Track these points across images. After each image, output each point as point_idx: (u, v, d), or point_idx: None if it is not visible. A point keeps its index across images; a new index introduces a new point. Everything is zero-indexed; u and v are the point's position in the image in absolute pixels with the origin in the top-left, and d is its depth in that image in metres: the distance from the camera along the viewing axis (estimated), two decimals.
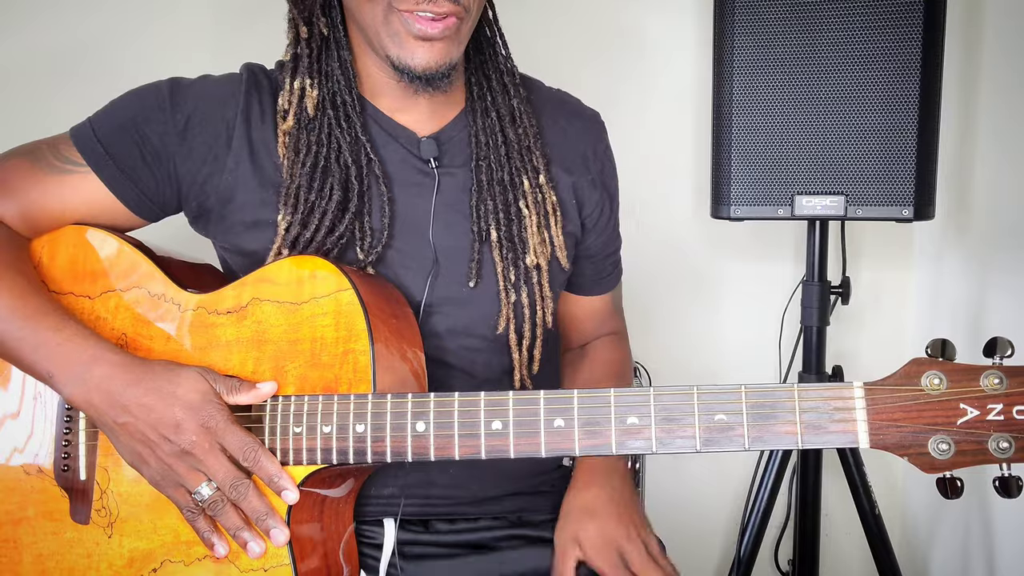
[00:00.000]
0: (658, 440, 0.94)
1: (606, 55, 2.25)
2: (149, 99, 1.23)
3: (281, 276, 1.14)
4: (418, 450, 1.03)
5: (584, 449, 0.97)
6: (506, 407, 1.00)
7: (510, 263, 1.26)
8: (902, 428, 0.87)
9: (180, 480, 1.08)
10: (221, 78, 1.27)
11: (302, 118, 1.23)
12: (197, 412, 1.06)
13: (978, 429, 0.87)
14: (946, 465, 0.87)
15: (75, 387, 1.10)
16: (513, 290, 1.26)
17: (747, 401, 0.92)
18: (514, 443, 0.99)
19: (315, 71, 1.24)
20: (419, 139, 1.26)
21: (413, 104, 1.25)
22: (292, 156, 1.22)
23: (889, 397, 0.89)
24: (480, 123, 1.28)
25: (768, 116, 1.79)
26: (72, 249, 1.23)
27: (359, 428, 1.05)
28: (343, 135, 1.23)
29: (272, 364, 1.11)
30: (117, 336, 1.18)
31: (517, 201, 1.27)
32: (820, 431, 0.90)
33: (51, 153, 1.23)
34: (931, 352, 0.91)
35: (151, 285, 1.19)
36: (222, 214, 1.24)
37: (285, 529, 1.07)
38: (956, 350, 0.90)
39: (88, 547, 1.16)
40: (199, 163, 1.22)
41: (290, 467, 1.08)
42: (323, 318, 1.10)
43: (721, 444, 0.92)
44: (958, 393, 0.87)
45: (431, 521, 1.29)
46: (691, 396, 0.94)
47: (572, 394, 0.98)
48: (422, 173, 1.26)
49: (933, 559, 2.19)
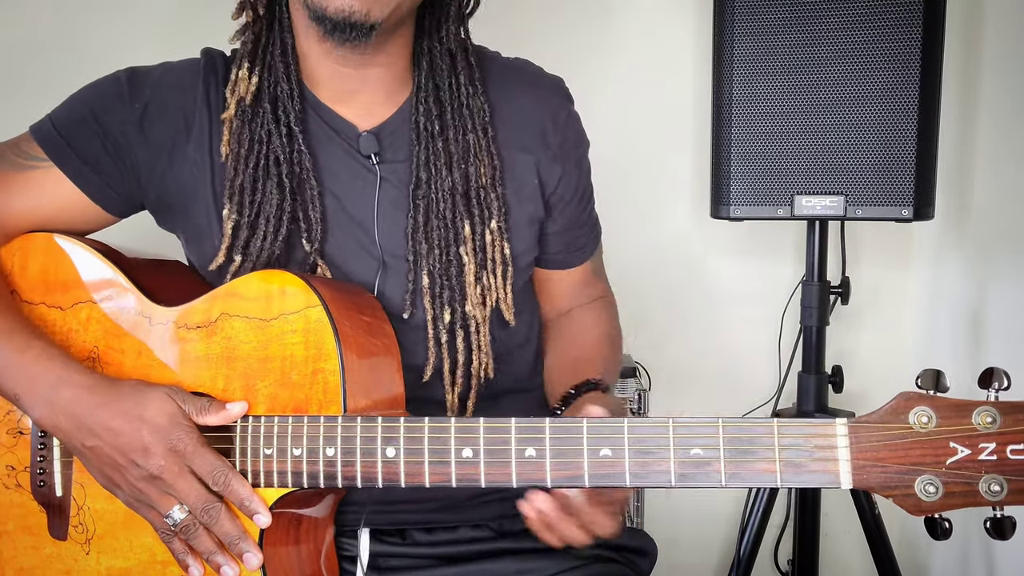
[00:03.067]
0: (632, 474, 0.88)
1: (606, 55, 2.22)
2: (108, 90, 1.18)
3: (250, 291, 1.08)
4: (388, 476, 0.97)
5: (556, 481, 0.91)
6: (476, 434, 0.94)
7: (441, 310, 1.17)
8: (887, 468, 0.80)
9: (151, 504, 1.03)
10: (180, 64, 1.21)
11: (242, 107, 1.16)
12: (165, 435, 1.01)
13: (968, 470, 0.79)
14: (934, 507, 0.79)
15: (42, 409, 1.06)
16: (446, 332, 1.18)
17: (724, 435, 0.85)
18: (485, 472, 0.93)
19: (256, 58, 1.17)
20: (359, 134, 1.18)
21: (352, 94, 1.17)
22: (235, 148, 1.16)
23: (874, 435, 0.81)
24: (421, 131, 1.18)
25: (768, 116, 1.77)
26: (43, 257, 1.18)
27: (329, 452, 0.99)
28: (277, 128, 1.15)
29: (242, 382, 1.06)
30: (88, 349, 1.13)
31: (457, 247, 1.18)
32: (800, 469, 0.82)
33: (12, 152, 1.18)
34: (922, 384, 0.83)
35: (122, 298, 1.14)
36: (184, 205, 1.18)
37: (258, 553, 1.02)
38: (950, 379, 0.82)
39: (67, 563, 1.12)
40: (158, 153, 1.17)
41: (261, 489, 1.03)
42: (292, 335, 1.04)
43: (697, 480, 0.85)
44: (948, 431, 0.80)
45: (408, 531, 1.23)
46: (667, 427, 0.87)
47: (544, 423, 0.92)
48: (364, 168, 1.18)
49: (933, 559, 2.17)
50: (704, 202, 1.88)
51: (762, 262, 2.26)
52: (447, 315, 1.17)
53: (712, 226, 2.06)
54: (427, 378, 1.18)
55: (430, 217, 1.17)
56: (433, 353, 1.18)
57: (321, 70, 1.17)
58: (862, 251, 2.22)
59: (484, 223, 1.19)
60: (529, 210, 1.23)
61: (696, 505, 2.32)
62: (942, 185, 1.77)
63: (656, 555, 1.30)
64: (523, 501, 0.97)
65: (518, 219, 1.22)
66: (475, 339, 1.19)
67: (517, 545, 1.23)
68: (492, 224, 1.19)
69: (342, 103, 1.19)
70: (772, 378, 2.19)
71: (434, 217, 1.17)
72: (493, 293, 1.20)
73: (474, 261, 1.18)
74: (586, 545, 1.00)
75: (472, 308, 1.18)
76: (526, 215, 1.23)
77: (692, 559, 2.32)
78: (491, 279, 1.19)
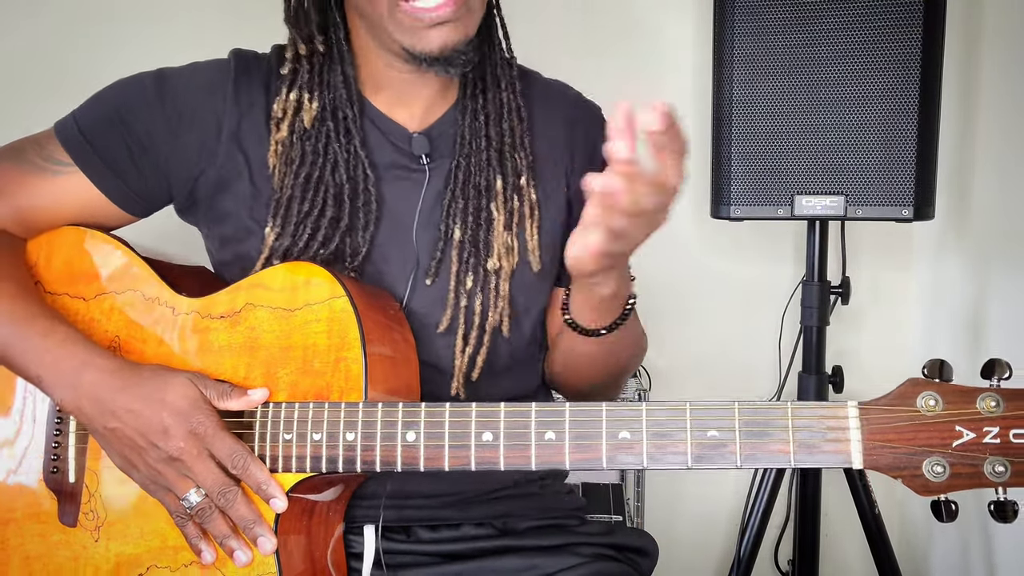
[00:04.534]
0: (649, 456, 0.92)
1: (606, 55, 2.24)
2: (134, 93, 1.20)
3: (275, 282, 1.11)
4: (408, 460, 1.00)
5: (575, 463, 0.95)
6: (497, 419, 0.98)
7: (468, 266, 1.21)
8: (896, 449, 0.85)
9: (169, 486, 1.06)
10: (208, 66, 1.22)
11: (296, 129, 1.19)
12: (186, 418, 1.03)
13: (973, 452, 0.84)
14: (941, 488, 0.84)
15: (65, 392, 1.08)
16: (465, 295, 1.21)
17: (740, 418, 0.89)
18: (504, 455, 0.97)
19: (315, 84, 1.20)
20: (411, 135, 1.22)
21: (413, 96, 1.22)
22: (284, 168, 1.19)
23: (884, 417, 0.86)
24: (468, 120, 1.23)
25: (768, 116, 1.78)
26: (69, 250, 1.20)
27: (349, 436, 1.02)
28: (341, 150, 1.19)
29: (264, 370, 1.09)
30: (110, 338, 1.16)
31: (489, 204, 1.22)
32: (813, 450, 0.87)
33: (36, 153, 1.20)
34: (928, 373, 0.88)
35: (146, 288, 1.17)
36: (210, 205, 1.21)
37: (273, 538, 1.04)
38: (953, 371, 0.87)
39: (75, 550, 1.14)
40: (191, 158, 1.19)
41: (279, 474, 1.05)
42: (316, 324, 1.07)
43: (713, 461, 0.90)
44: (954, 415, 0.84)
45: (412, 528, 1.25)
46: (683, 412, 0.91)
47: (564, 407, 0.96)
48: (411, 169, 1.22)
49: (933, 559, 2.19)
50: (704, 202, 1.89)
51: (762, 262, 2.28)
52: (469, 281, 1.21)
53: (712, 226, 2.08)
54: (442, 329, 1.20)
55: (467, 188, 1.21)
56: (451, 306, 1.20)
57: (383, 81, 1.21)
58: (862, 251, 2.24)
59: (515, 177, 1.23)
60: (554, 213, 1.27)
61: (696, 505, 2.34)
62: (942, 185, 1.78)
63: (657, 555, 1.33)
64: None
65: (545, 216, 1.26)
66: (492, 297, 1.21)
67: (520, 543, 1.25)
68: (521, 180, 1.23)
69: (397, 107, 1.22)
70: (772, 378, 2.21)
71: (471, 187, 1.21)
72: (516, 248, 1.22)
73: (504, 212, 1.22)
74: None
75: (497, 260, 1.21)
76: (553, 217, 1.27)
77: (692, 559, 2.33)
78: (518, 229, 1.23)
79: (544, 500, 1.31)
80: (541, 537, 1.27)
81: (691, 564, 2.34)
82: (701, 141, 2.10)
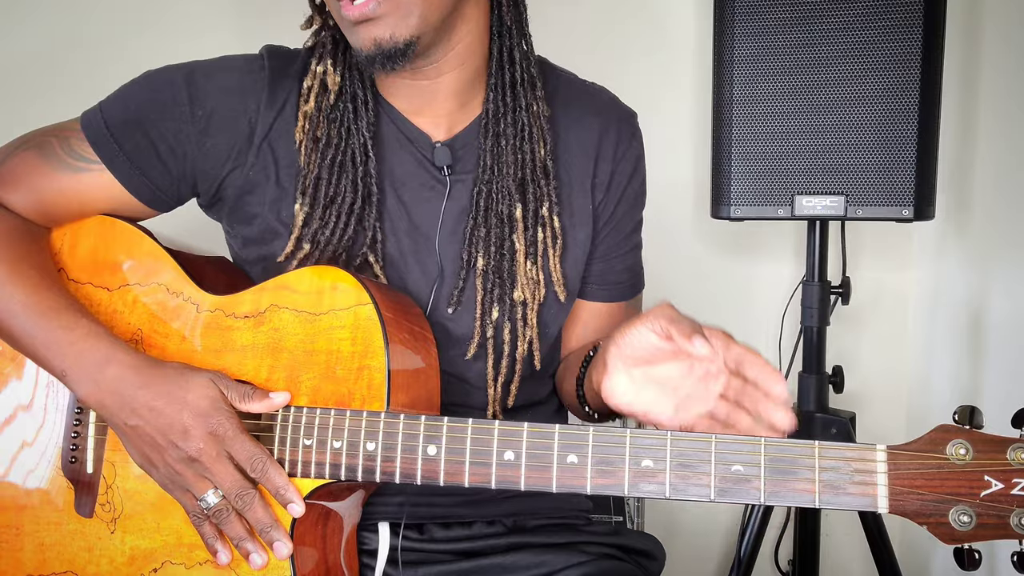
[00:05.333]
0: (672, 486, 0.91)
1: (606, 55, 2.22)
2: (164, 92, 1.16)
3: (302, 285, 1.09)
4: (428, 474, 0.99)
5: (595, 488, 0.94)
6: (520, 438, 0.97)
7: (493, 297, 1.19)
8: (923, 496, 0.84)
9: (187, 486, 1.05)
10: (240, 64, 1.19)
11: (323, 103, 1.17)
12: (206, 419, 1.02)
13: (1001, 503, 0.83)
14: (966, 537, 0.84)
15: (88, 387, 1.07)
16: (492, 325, 1.19)
17: (766, 455, 0.88)
18: (525, 475, 0.96)
19: (338, 59, 1.18)
20: (433, 144, 1.20)
21: (428, 105, 1.19)
22: (311, 144, 1.17)
23: (912, 463, 0.85)
24: (490, 143, 1.19)
25: (768, 116, 1.77)
26: (94, 239, 1.19)
27: (369, 446, 1.01)
28: (357, 134, 1.17)
29: (286, 373, 1.07)
30: (132, 331, 1.14)
31: (512, 234, 1.20)
32: (839, 492, 0.86)
33: (62, 147, 1.17)
34: (958, 419, 0.86)
35: (170, 282, 1.15)
36: (236, 206, 1.19)
37: (289, 542, 1.04)
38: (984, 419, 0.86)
39: (90, 540, 1.13)
40: (219, 160, 1.17)
41: (297, 479, 1.04)
42: (341, 331, 1.06)
43: (736, 496, 0.89)
44: (983, 465, 0.84)
45: (426, 526, 1.25)
46: (709, 443, 0.90)
47: (587, 430, 0.95)
48: (435, 179, 1.20)
49: (934, 561, 2.18)
50: (704, 202, 1.88)
51: (762, 262, 2.27)
52: (495, 312, 1.19)
53: (712, 226, 2.07)
54: (469, 356, 1.20)
55: (489, 216, 1.19)
56: (478, 334, 1.19)
57: (395, 86, 1.19)
58: (862, 251, 2.22)
59: (538, 205, 1.20)
60: (582, 233, 1.25)
61: (696, 505, 2.32)
62: (942, 185, 1.77)
63: (664, 560, 1.33)
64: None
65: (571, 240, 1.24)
66: (520, 327, 1.20)
67: (530, 540, 1.26)
68: (544, 209, 1.20)
69: (417, 114, 1.20)
70: None
71: (493, 216, 1.19)
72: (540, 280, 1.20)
73: (524, 240, 1.19)
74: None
75: (520, 292, 1.19)
76: (580, 237, 1.25)
77: (692, 559, 2.33)
78: (542, 260, 1.21)
79: (554, 500, 1.31)
80: (550, 535, 1.27)
81: (691, 564, 2.34)
82: (701, 141, 2.10)
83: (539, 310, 1.21)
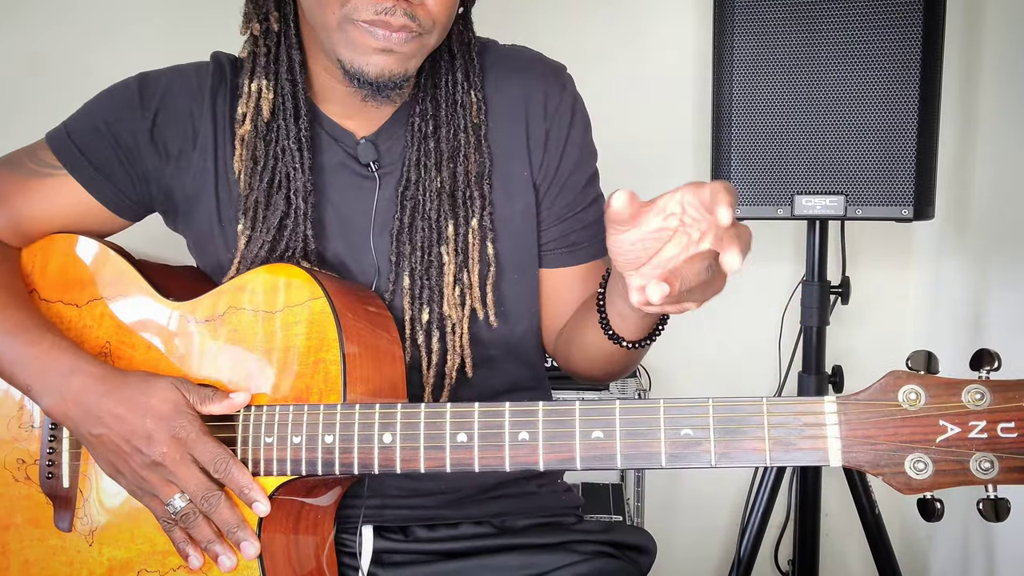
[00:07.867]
0: (623, 455, 0.84)
1: (605, 55, 2.20)
2: (119, 97, 1.16)
3: (257, 285, 1.06)
4: (384, 462, 0.94)
5: (548, 464, 0.88)
6: (471, 419, 0.91)
7: (423, 299, 1.14)
8: (877, 446, 0.76)
9: (154, 491, 1.01)
10: (189, 69, 1.18)
11: (258, 123, 1.13)
12: (168, 423, 0.99)
13: (959, 447, 0.75)
14: (924, 486, 0.76)
15: (53, 398, 1.04)
16: (422, 331, 1.14)
17: (714, 415, 0.82)
18: (479, 456, 0.90)
19: (271, 72, 1.13)
20: (357, 142, 1.15)
21: (360, 112, 1.15)
22: (250, 165, 1.13)
23: (863, 413, 0.78)
24: (415, 132, 1.14)
25: (768, 116, 1.74)
26: (62, 257, 1.17)
27: (328, 439, 0.97)
28: (291, 152, 1.12)
29: (247, 373, 1.04)
30: (101, 345, 1.12)
31: (439, 245, 1.14)
32: (789, 448, 0.79)
33: (29, 159, 1.17)
34: (912, 365, 0.79)
35: (135, 294, 1.12)
36: (188, 210, 1.17)
37: (256, 542, 0.99)
38: (940, 363, 0.78)
39: (70, 555, 1.10)
40: (167, 160, 1.15)
41: (262, 478, 1.00)
42: (296, 326, 1.02)
43: (687, 460, 0.82)
44: (938, 409, 0.76)
45: (410, 527, 1.19)
46: (657, 410, 0.84)
47: (537, 406, 0.89)
48: (362, 176, 1.15)
49: (933, 559, 2.13)
50: None
51: (762, 262, 2.20)
52: (424, 315, 1.14)
53: None
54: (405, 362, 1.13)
55: (415, 218, 1.14)
56: (409, 352, 1.13)
57: (333, 94, 1.15)
58: (862, 251, 2.19)
59: (467, 222, 1.14)
60: (520, 204, 1.18)
61: (696, 505, 2.29)
62: (942, 185, 1.74)
63: (655, 553, 1.26)
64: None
65: (508, 214, 1.17)
66: (451, 339, 1.14)
67: (518, 541, 1.20)
68: (473, 222, 1.14)
69: (348, 118, 1.16)
70: (772, 378, 2.15)
71: (419, 218, 1.14)
72: (473, 292, 1.14)
73: (454, 261, 1.14)
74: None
75: (448, 308, 1.14)
76: (519, 208, 1.18)
77: (692, 559, 2.29)
78: (471, 279, 1.14)
79: (542, 499, 1.25)
80: (539, 535, 1.21)
81: (691, 564, 2.29)
82: (701, 141, 2.07)
83: (467, 325, 1.16)
